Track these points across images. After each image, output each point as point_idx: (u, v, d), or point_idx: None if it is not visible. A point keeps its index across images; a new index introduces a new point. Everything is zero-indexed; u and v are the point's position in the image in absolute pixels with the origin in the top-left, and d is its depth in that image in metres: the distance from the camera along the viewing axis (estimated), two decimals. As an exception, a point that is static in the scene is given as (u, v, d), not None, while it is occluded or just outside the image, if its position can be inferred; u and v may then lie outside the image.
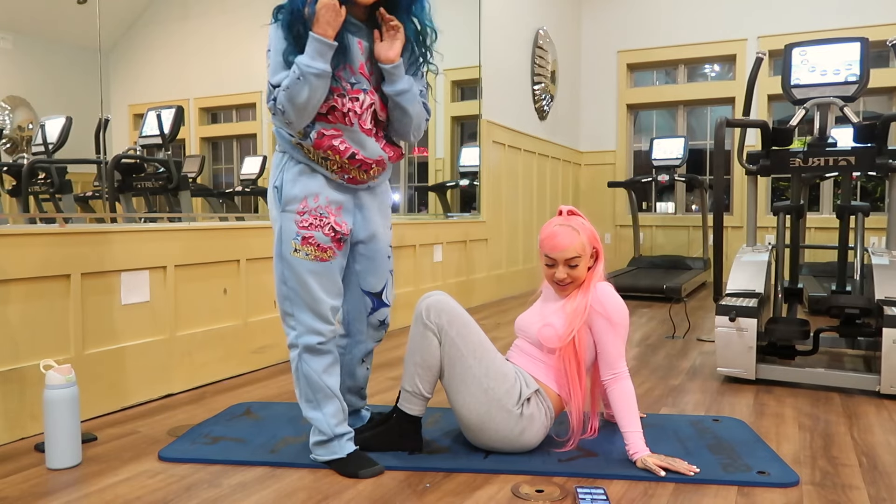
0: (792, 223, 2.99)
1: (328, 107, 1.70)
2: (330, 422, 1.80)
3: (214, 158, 3.52)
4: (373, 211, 1.88)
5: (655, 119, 7.26)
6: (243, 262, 2.91)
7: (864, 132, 2.73)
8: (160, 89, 3.04)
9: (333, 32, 1.62)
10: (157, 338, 2.55)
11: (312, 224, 1.74)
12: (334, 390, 1.81)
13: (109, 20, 2.63)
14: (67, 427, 1.84)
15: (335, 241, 1.77)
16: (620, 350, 1.89)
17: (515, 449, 1.89)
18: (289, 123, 1.67)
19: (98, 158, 2.67)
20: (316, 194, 1.75)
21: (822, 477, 1.78)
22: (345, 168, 1.75)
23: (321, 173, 1.76)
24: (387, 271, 1.95)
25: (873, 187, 6.56)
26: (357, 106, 1.72)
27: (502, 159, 5.41)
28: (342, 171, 1.76)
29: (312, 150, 1.73)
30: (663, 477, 1.74)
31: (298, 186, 1.74)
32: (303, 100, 1.62)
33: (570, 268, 1.94)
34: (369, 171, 1.79)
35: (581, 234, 1.94)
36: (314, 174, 1.76)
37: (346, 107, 1.71)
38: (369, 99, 1.74)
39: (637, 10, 6.93)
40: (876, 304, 2.63)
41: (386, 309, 1.99)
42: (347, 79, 1.70)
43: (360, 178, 1.79)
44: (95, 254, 2.30)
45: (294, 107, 1.62)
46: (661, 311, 4.71)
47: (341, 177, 1.77)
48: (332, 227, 1.76)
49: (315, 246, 1.74)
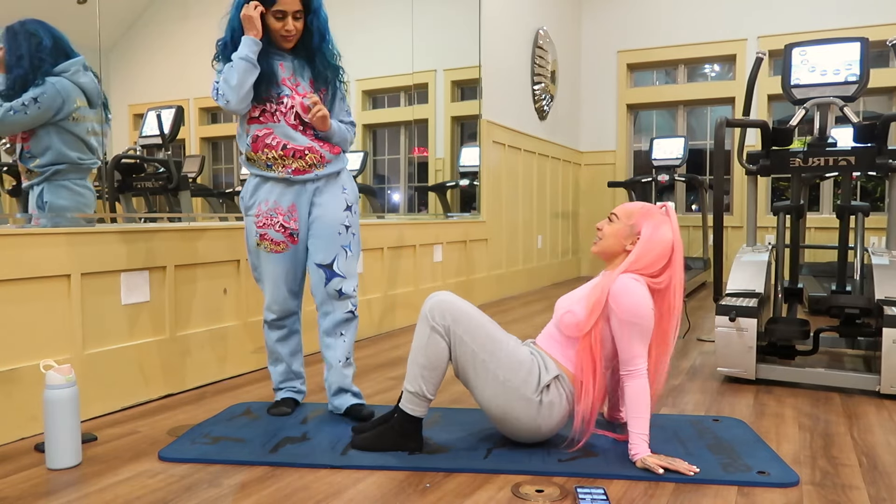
0: (792, 223, 2.99)
1: (259, 110, 2.12)
2: (276, 378, 2.35)
3: (214, 158, 3.52)
4: (324, 199, 2.20)
5: (655, 119, 7.26)
6: (243, 262, 2.91)
7: (864, 132, 2.73)
8: (160, 89, 3.05)
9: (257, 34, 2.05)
10: (157, 338, 2.55)
11: (266, 223, 2.16)
12: (283, 356, 2.32)
13: (109, 20, 2.63)
14: (67, 427, 1.84)
15: (287, 235, 2.18)
16: (635, 348, 1.83)
17: (538, 437, 1.91)
18: (227, 103, 2.06)
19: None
20: (266, 199, 2.16)
21: (822, 477, 1.78)
22: (285, 162, 2.13)
23: (271, 178, 2.15)
24: (337, 245, 2.20)
25: (873, 187, 6.57)
26: (282, 107, 2.12)
27: (502, 159, 5.41)
28: (285, 167, 2.13)
29: (255, 158, 2.13)
30: (663, 477, 1.74)
31: (255, 195, 2.18)
32: (235, 79, 2.02)
33: (607, 221, 2.01)
34: (304, 157, 2.13)
35: (639, 212, 1.98)
36: (265, 182, 2.16)
37: (273, 108, 2.12)
38: (291, 101, 2.13)
39: (637, 10, 6.93)
40: (876, 304, 2.63)
41: (339, 279, 2.20)
42: (274, 90, 2.12)
43: (302, 168, 2.14)
44: (95, 254, 2.30)
45: (228, 85, 2.04)
46: (661, 311, 4.70)
47: (287, 172, 2.13)
48: (281, 225, 2.16)
49: (270, 240, 2.17)
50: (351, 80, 4.27)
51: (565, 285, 6.42)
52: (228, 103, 2.06)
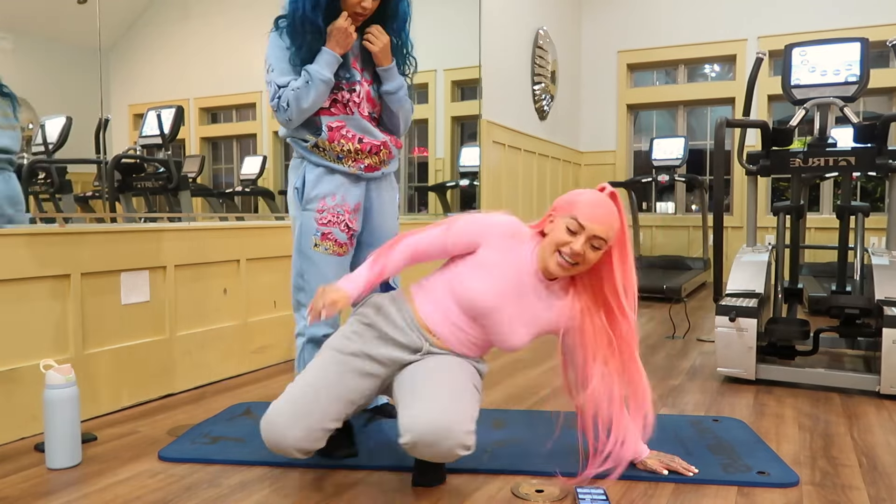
0: (792, 223, 2.99)
1: (330, 100, 1.88)
2: None
3: (214, 158, 3.52)
4: (384, 198, 2.02)
5: (655, 119, 7.26)
6: (243, 262, 2.91)
7: (864, 132, 2.73)
8: (160, 89, 3.04)
9: (342, 51, 1.85)
10: (157, 338, 2.55)
11: (331, 221, 1.90)
12: None
13: (109, 20, 2.63)
14: (67, 427, 1.84)
15: (349, 237, 1.94)
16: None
17: None
18: (288, 121, 1.86)
19: (98, 158, 2.67)
20: (333, 194, 1.90)
21: (822, 477, 1.78)
22: (359, 157, 1.91)
23: (340, 172, 1.91)
24: None
25: (873, 187, 6.56)
26: (355, 96, 1.91)
27: (502, 159, 5.41)
28: (357, 161, 1.92)
29: (328, 148, 1.89)
30: (663, 477, 1.74)
31: (319, 187, 1.90)
32: (308, 102, 1.82)
33: (591, 248, 1.63)
34: (379, 153, 1.94)
35: (617, 223, 1.65)
36: (333, 175, 1.91)
37: (346, 97, 1.90)
38: (362, 90, 1.93)
39: (637, 11, 6.93)
40: (876, 304, 2.63)
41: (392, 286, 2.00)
42: (344, 75, 1.89)
43: (374, 165, 1.95)
44: (95, 254, 2.30)
45: (298, 106, 1.82)
46: (661, 311, 4.71)
47: (359, 167, 1.92)
48: (346, 225, 1.92)
49: (333, 241, 1.91)
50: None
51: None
52: (290, 122, 1.86)
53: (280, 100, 1.82)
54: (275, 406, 1.61)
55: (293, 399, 1.61)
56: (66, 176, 2.60)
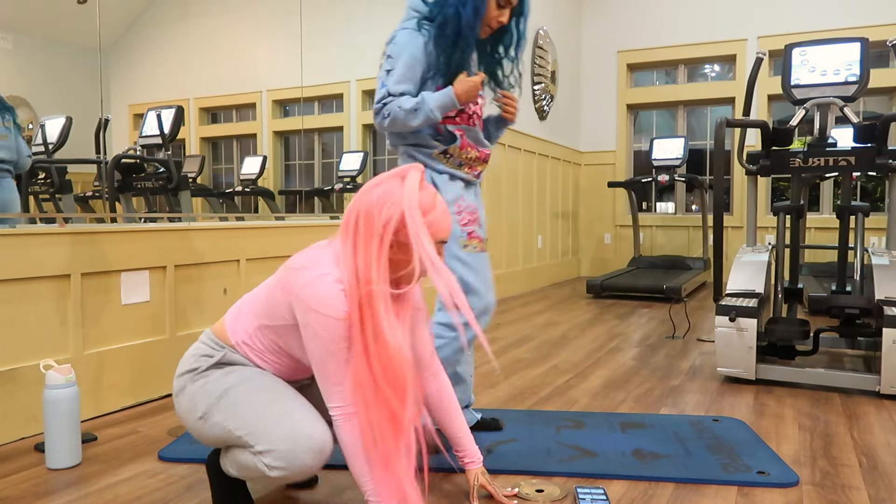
0: (792, 223, 2.99)
1: (457, 111, 1.88)
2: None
3: (214, 158, 3.52)
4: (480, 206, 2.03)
5: (655, 119, 7.26)
6: (243, 262, 2.91)
7: (864, 132, 2.73)
8: (160, 89, 3.04)
9: (465, 102, 1.82)
10: (157, 338, 2.55)
11: (469, 221, 1.90)
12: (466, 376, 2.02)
13: (109, 20, 2.63)
14: (67, 427, 1.84)
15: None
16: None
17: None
18: (380, 127, 1.83)
19: (98, 158, 2.67)
20: (462, 196, 1.91)
21: (822, 477, 1.78)
22: (475, 164, 1.95)
23: (459, 177, 1.92)
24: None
25: (873, 187, 6.57)
26: (477, 108, 1.95)
27: (502, 159, 5.40)
28: (473, 169, 1.95)
29: (456, 155, 1.90)
30: (663, 477, 1.74)
31: (449, 192, 1.89)
32: (404, 128, 1.80)
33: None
34: (487, 161, 2.00)
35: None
36: (455, 181, 1.91)
37: (472, 109, 1.92)
38: (481, 101, 1.97)
39: (637, 11, 6.93)
40: (876, 304, 2.63)
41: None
42: None
43: (482, 171, 2.00)
44: (95, 254, 2.30)
45: (394, 125, 1.79)
46: (661, 311, 4.71)
47: (473, 174, 1.95)
48: (479, 223, 1.94)
49: (478, 238, 1.91)
50: (351, 80, 4.29)
51: (565, 285, 6.42)
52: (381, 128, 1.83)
53: (385, 107, 1.78)
54: (278, 427, 1.38)
55: (286, 410, 1.41)
56: (66, 176, 2.60)
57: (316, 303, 1.31)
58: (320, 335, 1.32)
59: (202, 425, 1.43)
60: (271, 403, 1.40)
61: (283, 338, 1.43)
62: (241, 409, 1.39)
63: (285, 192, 3.88)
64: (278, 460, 1.35)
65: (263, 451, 1.36)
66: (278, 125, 3.75)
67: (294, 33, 3.65)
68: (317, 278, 1.33)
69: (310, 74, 3.73)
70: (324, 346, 1.32)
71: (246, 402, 1.40)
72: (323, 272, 1.33)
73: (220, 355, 1.46)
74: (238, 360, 1.47)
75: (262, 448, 1.36)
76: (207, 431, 1.43)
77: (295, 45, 3.65)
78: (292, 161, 3.92)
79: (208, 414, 1.41)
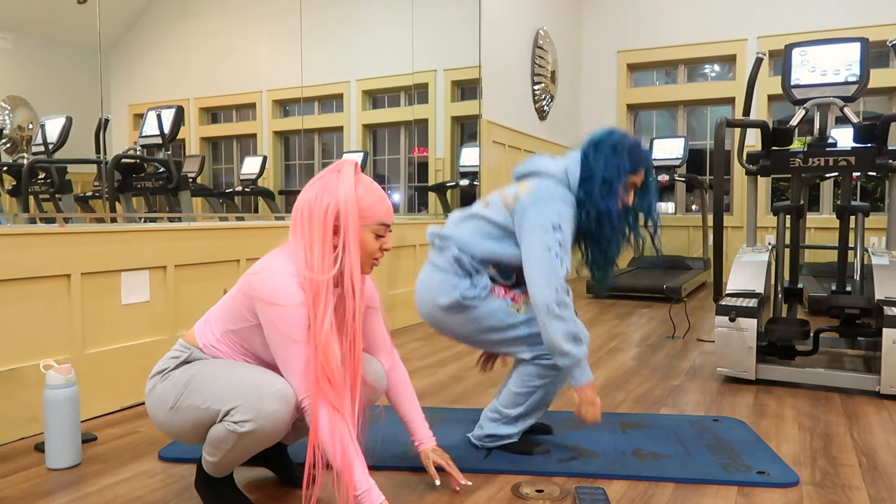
0: (792, 223, 2.99)
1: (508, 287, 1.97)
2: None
3: (214, 158, 3.52)
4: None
5: (655, 119, 7.26)
6: (243, 262, 2.91)
7: (864, 132, 2.73)
8: (160, 89, 3.04)
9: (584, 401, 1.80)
10: (157, 338, 2.55)
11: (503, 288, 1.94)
12: None
13: (109, 20, 2.63)
14: (67, 427, 1.84)
15: None
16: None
17: None
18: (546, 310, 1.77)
19: (98, 158, 2.67)
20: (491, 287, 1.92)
21: (822, 477, 1.78)
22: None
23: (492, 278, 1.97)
24: None
25: (873, 187, 6.57)
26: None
27: (502, 159, 5.40)
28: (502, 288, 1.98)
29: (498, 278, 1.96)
30: (663, 477, 1.74)
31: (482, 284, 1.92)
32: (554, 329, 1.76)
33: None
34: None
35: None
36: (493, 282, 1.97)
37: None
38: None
39: (637, 10, 6.93)
40: (876, 304, 2.63)
41: None
42: None
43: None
44: (95, 254, 2.30)
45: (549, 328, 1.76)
46: (661, 311, 4.71)
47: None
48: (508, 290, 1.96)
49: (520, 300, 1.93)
50: (351, 80, 4.29)
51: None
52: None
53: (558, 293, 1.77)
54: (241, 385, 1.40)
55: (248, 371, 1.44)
56: (66, 176, 2.60)
57: (273, 297, 1.38)
58: (279, 327, 1.38)
59: (174, 416, 1.46)
60: (234, 370, 1.45)
61: (248, 339, 1.51)
62: (207, 385, 1.43)
63: (285, 192, 3.88)
64: (245, 413, 1.37)
65: (230, 409, 1.38)
66: (278, 125, 3.75)
67: (294, 33, 3.65)
68: (272, 275, 1.41)
69: (310, 74, 3.73)
70: (286, 336, 1.39)
71: (211, 378, 1.44)
72: (276, 269, 1.42)
73: (187, 355, 1.51)
74: (204, 358, 1.52)
75: (228, 407, 1.38)
76: (181, 419, 1.45)
77: (295, 45, 3.65)
78: (292, 161, 3.92)
79: (178, 401, 1.45)
